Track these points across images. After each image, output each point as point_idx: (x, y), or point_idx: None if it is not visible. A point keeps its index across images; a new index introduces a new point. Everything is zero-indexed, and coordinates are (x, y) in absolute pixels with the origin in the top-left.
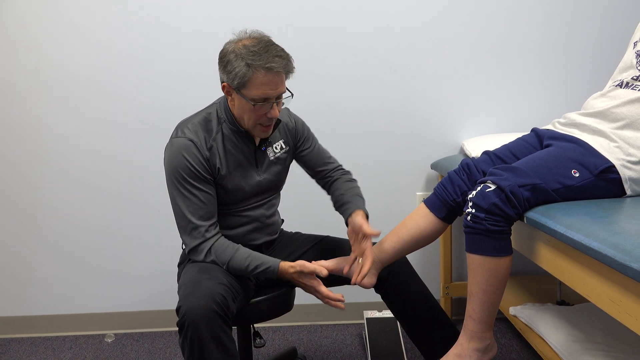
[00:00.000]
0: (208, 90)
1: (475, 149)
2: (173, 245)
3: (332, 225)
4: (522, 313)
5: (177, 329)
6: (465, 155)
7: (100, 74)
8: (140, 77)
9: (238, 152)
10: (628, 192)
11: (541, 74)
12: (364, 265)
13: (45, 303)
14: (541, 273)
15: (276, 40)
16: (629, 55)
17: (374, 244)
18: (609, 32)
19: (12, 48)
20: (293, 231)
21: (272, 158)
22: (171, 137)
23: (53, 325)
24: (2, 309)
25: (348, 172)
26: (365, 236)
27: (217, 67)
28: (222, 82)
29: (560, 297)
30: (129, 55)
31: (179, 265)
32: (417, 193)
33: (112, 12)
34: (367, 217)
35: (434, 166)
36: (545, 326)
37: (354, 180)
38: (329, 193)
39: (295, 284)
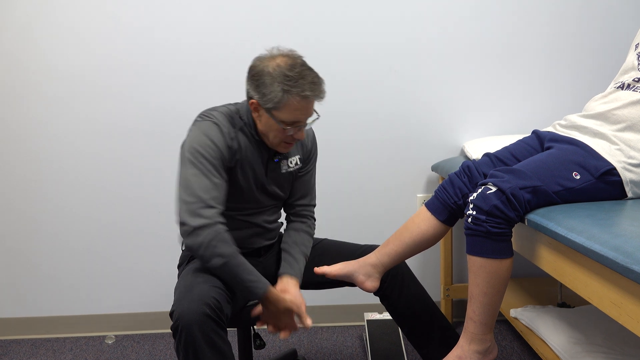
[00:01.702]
0: (208, 90)
1: (476, 150)
2: (173, 246)
3: (331, 227)
4: (523, 315)
5: None
6: (466, 157)
7: (101, 76)
8: (140, 79)
9: (252, 156)
10: (629, 194)
11: (542, 75)
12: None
13: (45, 304)
14: (542, 275)
15: (277, 41)
16: (631, 58)
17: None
18: (610, 34)
19: (13, 50)
20: None
21: (284, 171)
22: (196, 121)
23: (53, 326)
24: (3, 310)
25: (313, 223)
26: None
27: (216, 68)
28: (250, 98)
29: (561, 299)
30: (129, 57)
31: (179, 266)
32: (418, 195)
33: (111, 14)
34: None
35: (434, 168)
36: (546, 328)
37: (311, 238)
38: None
39: (271, 312)
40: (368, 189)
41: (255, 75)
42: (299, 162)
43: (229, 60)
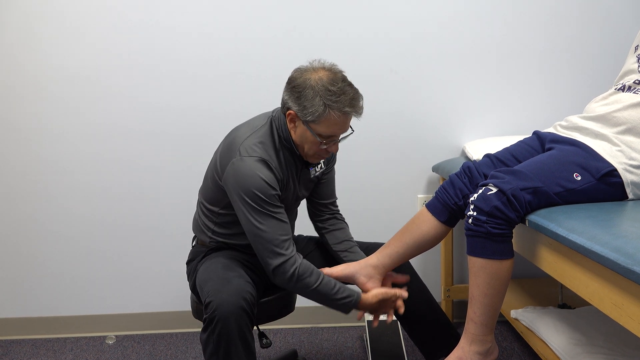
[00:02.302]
0: (209, 90)
1: (476, 151)
2: (175, 247)
3: None
4: (524, 316)
5: (177, 330)
6: (467, 157)
7: (103, 76)
8: (142, 78)
9: (289, 169)
10: (630, 195)
11: (543, 76)
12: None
13: (46, 305)
14: (542, 276)
15: (278, 44)
16: (631, 60)
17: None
18: (612, 35)
19: (13, 49)
20: (296, 234)
21: (312, 176)
22: (240, 154)
23: (54, 327)
24: (4, 310)
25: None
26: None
27: (217, 69)
28: (288, 109)
29: (562, 300)
30: (129, 57)
31: (189, 262)
32: (419, 195)
33: (112, 14)
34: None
35: (435, 169)
36: (546, 329)
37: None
38: (322, 231)
39: (372, 311)
40: (369, 189)
41: (297, 87)
42: (323, 166)
43: (229, 59)
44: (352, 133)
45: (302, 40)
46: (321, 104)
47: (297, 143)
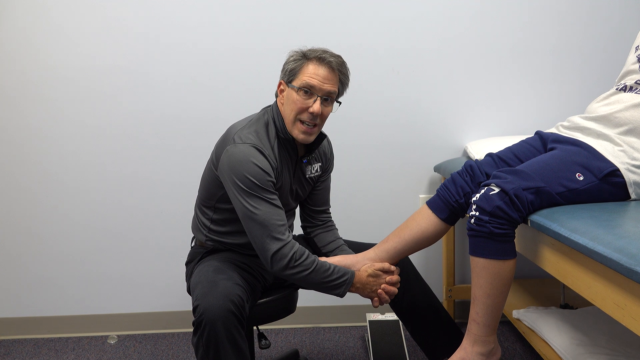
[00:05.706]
0: (205, 94)
1: (478, 151)
2: (176, 246)
3: None
4: (526, 316)
5: (179, 330)
6: (469, 157)
7: (100, 80)
8: (139, 83)
9: (284, 160)
10: (632, 195)
11: (545, 76)
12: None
13: (48, 304)
14: (545, 276)
15: (278, 42)
16: (631, 60)
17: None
18: (614, 35)
19: (11, 53)
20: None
21: (307, 176)
22: (234, 142)
23: (56, 326)
24: (5, 310)
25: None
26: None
27: (213, 72)
28: (278, 85)
29: (564, 301)
30: (127, 61)
31: (187, 263)
32: (420, 195)
33: (110, 18)
34: None
35: (437, 169)
36: (548, 330)
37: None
38: (310, 235)
39: (365, 291)
40: (370, 189)
41: (285, 62)
42: (319, 170)
43: (227, 63)
44: (340, 104)
45: (304, 42)
46: (299, 56)
47: (284, 116)
